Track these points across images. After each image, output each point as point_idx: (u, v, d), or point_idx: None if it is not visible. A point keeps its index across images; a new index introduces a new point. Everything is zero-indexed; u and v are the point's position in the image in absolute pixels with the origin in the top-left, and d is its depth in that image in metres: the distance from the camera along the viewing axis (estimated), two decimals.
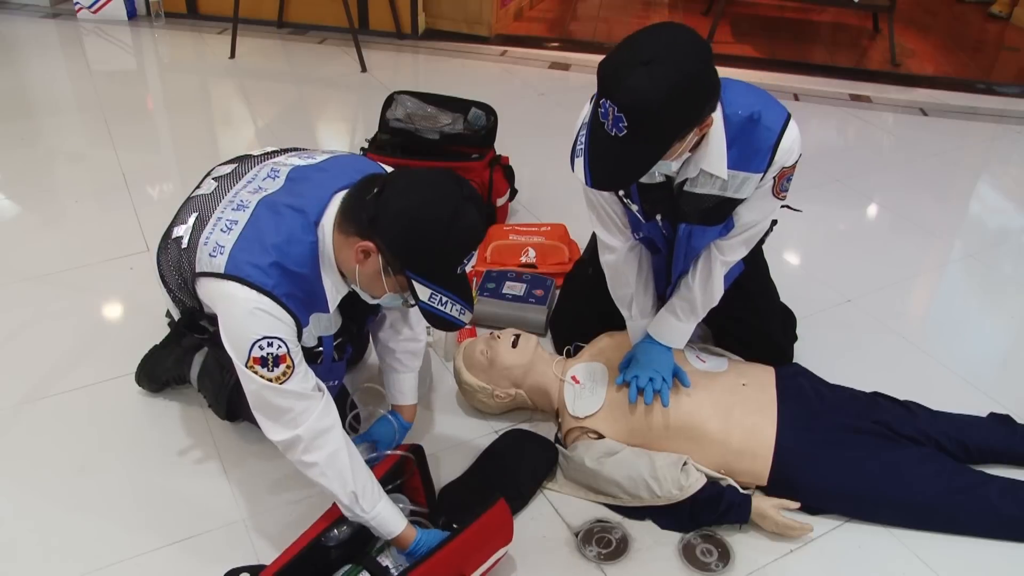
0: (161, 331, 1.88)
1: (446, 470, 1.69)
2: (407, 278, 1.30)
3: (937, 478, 1.61)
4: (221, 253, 1.34)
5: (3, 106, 3.41)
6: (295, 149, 1.62)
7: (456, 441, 1.79)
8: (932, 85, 4.00)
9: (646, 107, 1.24)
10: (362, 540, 1.44)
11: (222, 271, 1.33)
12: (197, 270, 1.39)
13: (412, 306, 1.39)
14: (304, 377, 1.36)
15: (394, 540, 1.40)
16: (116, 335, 2.10)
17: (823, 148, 3.34)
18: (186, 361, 1.81)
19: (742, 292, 1.73)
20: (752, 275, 1.75)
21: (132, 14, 4.44)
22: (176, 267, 1.46)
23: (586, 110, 1.44)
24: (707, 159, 1.44)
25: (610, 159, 1.32)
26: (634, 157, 1.31)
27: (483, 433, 1.82)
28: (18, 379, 1.92)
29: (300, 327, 1.36)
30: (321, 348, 1.50)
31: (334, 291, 1.42)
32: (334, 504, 1.43)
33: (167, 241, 1.51)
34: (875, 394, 1.84)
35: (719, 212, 1.53)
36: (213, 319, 1.44)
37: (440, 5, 4.37)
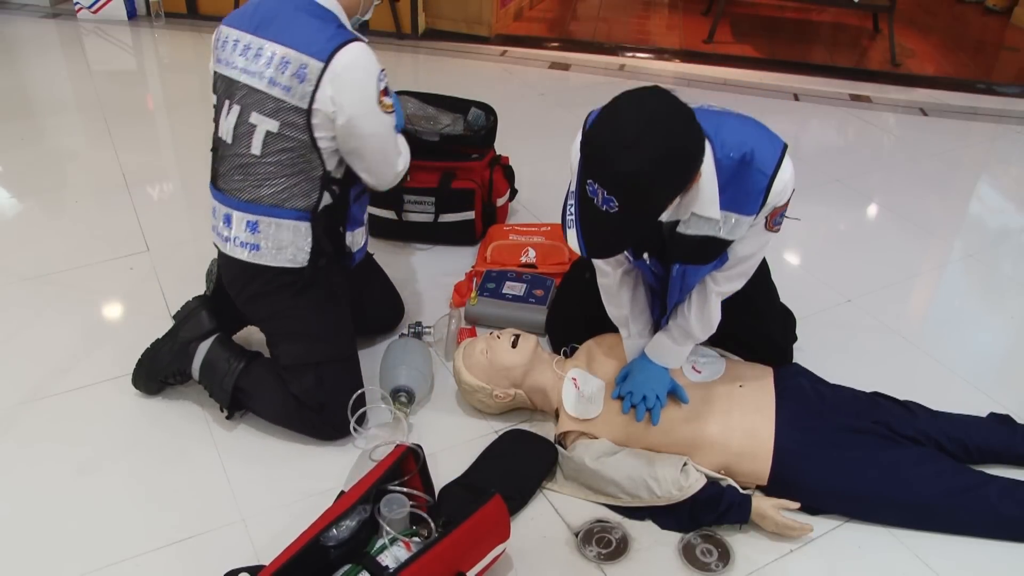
0: (160, 331, 1.87)
1: (446, 470, 1.69)
2: None
3: (937, 478, 1.61)
4: (309, 65, 1.58)
5: (3, 106, 3.41)
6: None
7: (456, 441, 1.79)
8: (932, 85, 4.01)
9: (635, 188, 1.25)
10: (362, 540, 1.44)
11: (324, 63, 1.55)
12: (302, 105, 1.58)
13: None
14: None
15: None
16: (116, 335, 2.10)
17: (823, 148, 3.34)
18: (187, 353, 1.80)
19: (742, 293, 1.72)
20: (752, 276, 1.75)
21: (132, 14, 4.44)
22: (287, 136, 1.62)
23: (574, 160, 1.39)
24: (698, 203, 1.43)
25: (604, 232, 1.33)
26: (628, 228, 1.32)
27: (483, 433, 1.82)
28: (18, 379, 1.92)
29: None
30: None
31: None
32: (334, 504, 1.44)
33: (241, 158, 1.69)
34: (875, 394, 1.84)
35: (711, 251, 1.52)
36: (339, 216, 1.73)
37: (440, 5, 4.37)
